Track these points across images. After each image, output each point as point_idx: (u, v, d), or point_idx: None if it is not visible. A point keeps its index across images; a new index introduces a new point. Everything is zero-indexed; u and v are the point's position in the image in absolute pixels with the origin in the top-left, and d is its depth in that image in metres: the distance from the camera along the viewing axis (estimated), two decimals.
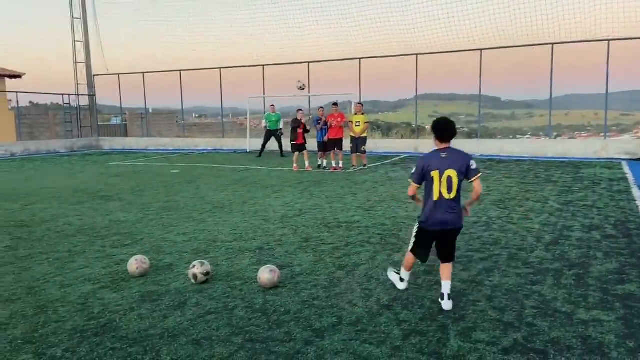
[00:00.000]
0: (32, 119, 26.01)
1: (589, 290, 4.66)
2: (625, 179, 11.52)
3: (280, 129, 18.98)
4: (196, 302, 4.66)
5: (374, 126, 27.31)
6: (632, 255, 5.70)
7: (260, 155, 18.85)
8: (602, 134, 17.57)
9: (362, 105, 14.58)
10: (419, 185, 4.49)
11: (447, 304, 4.35)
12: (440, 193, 4.33)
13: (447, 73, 19.49)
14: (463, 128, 28.28)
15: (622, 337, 3.74)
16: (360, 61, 20.55)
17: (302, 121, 14.93)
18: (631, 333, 3.79)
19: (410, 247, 4.69)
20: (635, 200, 8.88)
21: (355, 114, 14.53)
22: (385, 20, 20.23)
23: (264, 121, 19.40)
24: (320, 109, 15.20)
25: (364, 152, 14.35)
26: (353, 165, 14.59)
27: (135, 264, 5.37)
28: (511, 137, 22.30)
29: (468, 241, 6.55)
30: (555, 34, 17.35)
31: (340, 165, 14.57)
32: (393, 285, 4.94)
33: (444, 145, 4.42)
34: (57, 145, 24.95)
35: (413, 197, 4.65)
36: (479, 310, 4.31)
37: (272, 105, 19.23)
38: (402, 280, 4.83)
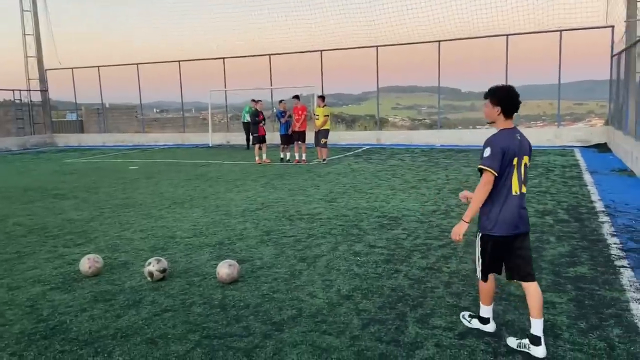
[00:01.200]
0: None
1: (542, 274, 4.78)
2: (577, 165, 11.91)
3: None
4: (152, 300, 4.54)
5: (338, 119, 27.36)
6: (583, 239, 5.89)
7: (248, 148, 18.47)
8: (557, 123, 18.11)
9: (323, 98, 14.51)
10: (496, 174, 3.33)
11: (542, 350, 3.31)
12: (520, 186, 3.41)
13: (408, 65, 19.69)
14: (424, 119, 28.68)
15: (573, 318, 3.84)
16: (321, 53, 20.50)
17: (259, 110, 14.81)
18: (582, 314, 3.90)
19: (480, 274, 3.59)
20: (587, 186, 9.19)
21: (318, 106, 14.49)
22: (346, 12, 20.30)
23: (243, 113, 19.10)
24: (282, 102, 15.09)
25: (325, 144, 14.33)
26: (317, 158, 14.57)
27: (88, 263, 5.18)
28: (471, 127, 22.69)
29: (427, 229, 6.62)
30: (510, 25, 17.77)
31: (304, 158, 14.52)
32: (354, 275, 4.94)
33: (510, 124, 3.44)
34: (8, 143, 23.92)
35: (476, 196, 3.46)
36: (437, 297, 4.36)
37: (253, 100, 18.93)
38: (485, 322, 3.68)
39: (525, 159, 3.42)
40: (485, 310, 3.68)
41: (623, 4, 15.16)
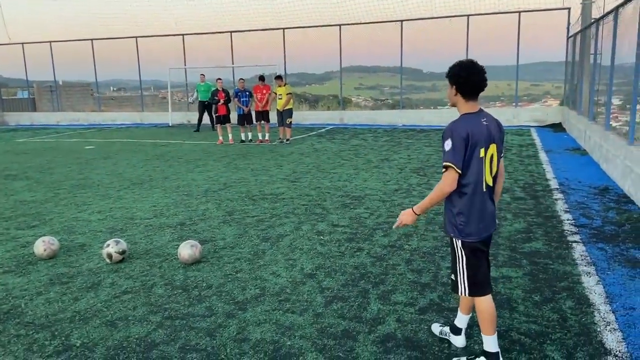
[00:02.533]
0: None
1: (499, 250, 4.93)
2: (533, 145, 12.26)
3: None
4: (111, 282, 4.44)
5: (301, 98, 27.15)
6: (538, 215, 6.10)
7: (198, 130, 18.09)
8: (514, 104, 18.54)
9: (281, 77, 14.35)
10: (460, 172, 2.76)
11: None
12: (486, 180, 2.85)
13: (371, 45, 19.62)
14: (387, 100, 28.85)
15: (528, 291, 3.99)
16: (284, 32, 20.21)
17: (220, 89, 14.55)
18: (537, 287, 4.06)
19: (467, 289, 2.95)
20: (542, 164, 9.49)
21: (279, 86, 14.32)
22: None
23: (195, 92, 18.53)
24: (241, 80, 14.83)
25: (290, 124, 14.23)
26: (279, 138, 14.46)
27: (43, 245, 5.01)
28: (432, 107, 22.96)
29: (389, 208, 6.71)
30: (471, 6, 17.97)
31: (267, 138, 14.39)
32: (318, 254, 4.97)
33: (474, 107, 2.86)
34: None
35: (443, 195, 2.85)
36: (399, 274, 4.43)
37: (202, 75, 18.38)
38: (456, 332, 3.27)
39: (493, 147, 2.82)
40: (462, 320, 3.25)
41: None
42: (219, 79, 15.24)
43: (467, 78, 2.78)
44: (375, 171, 9.38)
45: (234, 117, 14.87)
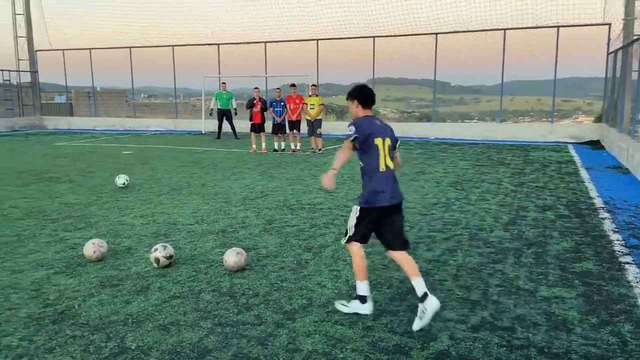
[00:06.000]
0: None
1: (548, 268, 4.82)
2: (572, 162, 12.02)
3: (235, 108, 18.54)
4: (160, 286, 4.50)
5: (329, 109, 27.23)
6: (586, 234, 5.95)
7: (219, 137, 18.38)
8: (545, 119, 18.23)
9: (317, 87, 14.44)
10: (354, 149, 3.92)
11: (434, 302, 3.58)
12: (386, 164, 3.88)
13: (398, 57, 19.53)
14: (414, 112, 28.73)
15: (584, 313, 3.88)
16: (317, 42, 20.36)
17: (257, 98, 14.72)
18: (592, 309, 3.95)
19: (348, 237, 3.93)
20: (584, 182, 9.28)
21: (310, 96, 14.40)
22: (343, 2, 20.05)
23: (212, 100, 18.76)
24: (277, 90, 14.98)
25: (320, 134, 14.28)
26: (312, 148, 14.52)
27: (92, 247, 5.12)
28: (459, 121, 22.72)
29: (429, 222, 6.64)
30: (507, 20, 17.78)
31: (299, 147, 14.46)
32: None
33: (369, 113, 4.06)
34: None
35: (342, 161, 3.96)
36: (446, 290, 4.38)
37: (224, 84, 18.62)
38: (363, 301, 3.89)
39: (388, 141, 3.92)
40: (363, 288, 3.92)
41: (621, 1, 15.24)
42: (256, 88, 15.42)
43: (364, 94, 4.04)
44: (412, 184, 9.32)
45: (268, 126, 15.01)
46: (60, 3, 27.12)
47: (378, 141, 3.86)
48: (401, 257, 3.91)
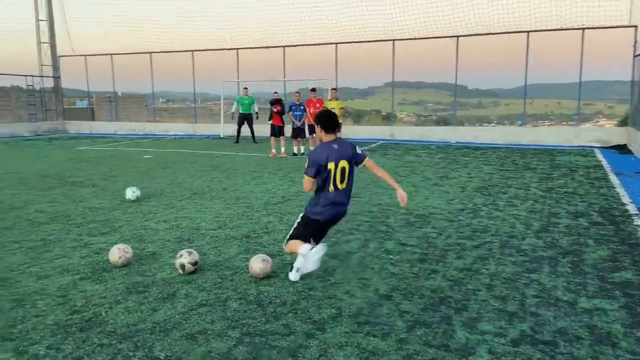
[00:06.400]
0: None
1: (586, 279, 4.63)
2: (601, 167, 11.71)
3: (257, 112, 18.54)
4: (186, 293, 4.43)
5: (345, 113, 27.14)
6: (623, 243, 5.73)
7: (237, 141, 18.40)
8: (565, 122, 17.87)
9: (336, 90, 14.34)
10: (314, 179, 4.50)
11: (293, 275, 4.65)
12: (335, 184, 4.47)
13: (415, 60, 19.34)
14: (431, 116, 28.50)
15: (628, 326, 3.70)
16: (336, 46, 20.29)
17: (277, 99, 14.72)
18: (636, 322, 3.76)
19: (290, 235, 4.73)
20: (615, 188, 9.01)
21: (330, 99, 14.31)
22: (362, 4, 19.93)
23: (234, 104, 18.76)
24: (297, 94, 14.92)
25: None
26: None
27: (118, 253, 5.07)
28: (477, 124, 22.42)
29: (458, 228, 6.48)
30: (531, 22, 17.47)
31: None
32: (390, 274, 4.82)
33: (331, 137, 4.55)
34: (20, 128, 23.88)
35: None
36: (481, 300, 4.22)
37: (245, 88, 18.63)
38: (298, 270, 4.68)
39: (343, 162, 4.46)
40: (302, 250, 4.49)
41: None
42: (276, 92, 15.41)
43: (326, 119, 4.56)
44: (436, 189, 9.15)
45: (287, 130, 14.96)
46: (82, 9, 27.44)
47: (331, 165, 4.41)
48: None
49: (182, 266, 4.84)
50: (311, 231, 4.65)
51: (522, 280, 4.63)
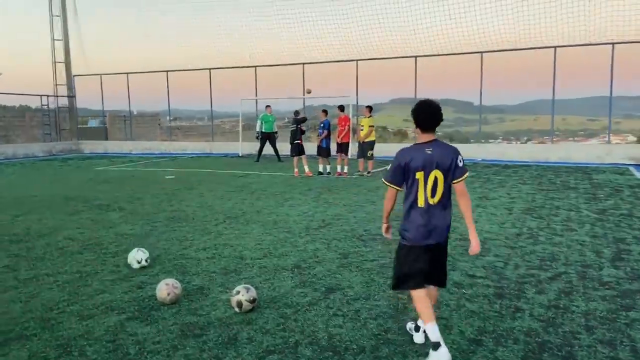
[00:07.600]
0: (6, 121, 24.61)
1: None
2: None
3: (276, 132, 18.22)
4: (248, 337, 3.95)
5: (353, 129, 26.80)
6: None
7: (258, 160, 18.04)
8: (571, 138, 17.41)
9: (370, 108, 13.93)
10: (397, 189, 3.66)
11: (445, 354, 3.40)
12: (426, 197, 3.53)
13: (421, 77, 18.89)
14: (437, 132, 28.23)
15: None
16: (357, 63, 19.99)
17: (304, 117, 14.39)
18: None
19: (395, 276, 3.78)
20: None
21: (364, 117, 13.97)
22: (383, 21, 19.68)
23: (258, 122, 18.43)
24: (323, 112, 14.53)
25: (371, 157, 13.74)
26: (359, 171, 13.97)
27: (166, 289, 4.62)
28: (483, 141, 21.96)
29: (522, 256, 5.99)
30: (556, 37, 17.11)
31: (345, 171, 13.93)
32: (470, 313, 4.33)
33: (428, 137, 3.56)
34: (34, 148, 23.65)
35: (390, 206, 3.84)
36: (586, 346, 3.72)
37: (268, 106, 18.36)
38: (417, 329, 3.86)
39: (436, 172, 3.49)
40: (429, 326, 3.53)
41: None
42: (297, 111, 15.08)
43: (419, 113, 3.54)
44: (481, 211, 8.66)
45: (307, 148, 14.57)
46: (99, 29, 27.42)
47: (419, 175, 3.51)
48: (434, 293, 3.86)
49: (240, 304, 4.38)
50: (419, 266, 3.62)
51: (622, 320, 4.13)
